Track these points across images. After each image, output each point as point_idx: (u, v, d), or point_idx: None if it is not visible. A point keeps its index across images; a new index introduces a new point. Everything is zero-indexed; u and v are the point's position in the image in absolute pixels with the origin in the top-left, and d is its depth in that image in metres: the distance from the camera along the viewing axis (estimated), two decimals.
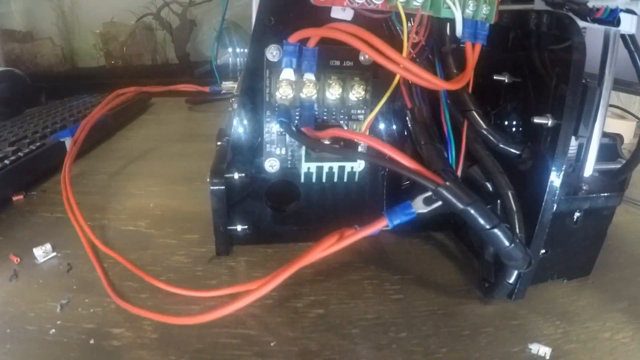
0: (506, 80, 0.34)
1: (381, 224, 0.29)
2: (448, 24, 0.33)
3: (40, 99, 0.87)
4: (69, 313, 0.30)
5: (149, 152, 0.63)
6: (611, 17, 0.29)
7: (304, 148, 0.33)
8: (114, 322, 0.29)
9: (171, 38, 1.32)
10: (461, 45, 0.31)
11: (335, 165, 0.34)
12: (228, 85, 0.78)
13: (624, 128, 0.68)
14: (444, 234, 0.41)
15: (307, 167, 0.34)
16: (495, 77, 0.34)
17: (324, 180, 0.35)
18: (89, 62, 1.30)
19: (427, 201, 0.29)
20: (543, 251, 0.31)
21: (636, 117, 0.68)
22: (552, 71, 0.30)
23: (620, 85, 0.50)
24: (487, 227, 0.26)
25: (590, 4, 0.28)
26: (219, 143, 0.43)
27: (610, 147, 0.42)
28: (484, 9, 0.30)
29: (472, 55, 0.30)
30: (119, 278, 0.34)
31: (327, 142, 0.32)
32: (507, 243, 0.27)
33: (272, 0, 0.32)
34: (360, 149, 0.34)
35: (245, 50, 1.21)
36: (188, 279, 0.34)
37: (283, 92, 0.32)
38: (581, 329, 0.30)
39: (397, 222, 0.29)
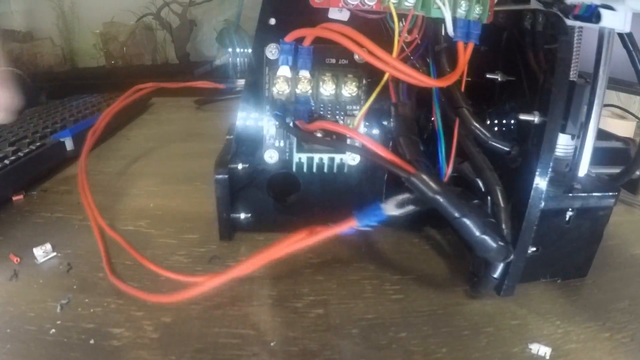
0: (499, 79, 0.34)
1: (349, 224, 0.29)
2: (443, 24, 0.33)
3: (40, 99, 0.87)
4: (69, 313, 0.30)
5: (149, 152, 0.63)
6: (588, 14, 0.29)
7: (296, 140, 0.36)
8: (114, 322, 0.29)
9: (171, 38, 1.32)
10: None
11: (325, 157, 0.36)
12: (242, 82, 0.79)
13: (623, 128, 0.68)
14: (443, 234, 0.41)
15: (299, 158, 0.36)
16: (488, 76, 0.34)
17: (314, 170, 0.37)
18: (89, 62, 1.30)
19: (399, 204, 0.29)
20: (533, 249, 0.31)
21: (636, 117, 0.68)
22: (543, 69, 0.30)
23: (620, 85, 0.50)
24: (457, 215, 0.27)
25: (568, 1, 0.28)
26: (229, 137, 0.44)
27: (623, 151, 0.42)
28: (477, 9, 0.30)
29: (464, 54, 0.31)
30: (120, 277, 0.34)
31: (319, 134, 0.33)
32: (477, 233, 0.27)
33: (274, 2, 0.33)
34: (349, 142, 0.35)
35: (245, 50, 1.21)
36: None
37: (279, 88, 0.34)
38: (581, 329, 0.30)
39: (365, 222, 0.29)
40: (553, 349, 0.28)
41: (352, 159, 0.37)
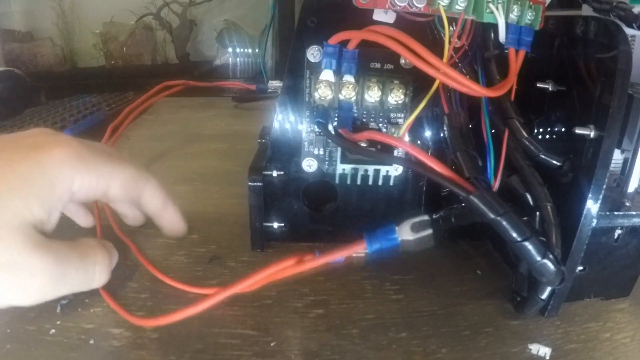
0: (550, 89, 0.32)
1: (358, 248, 0.29)
2: (492, 29, 0.32)
3: (40, 99, 0.87)
4: (69, 313, 0.30)
5: (149, 152, 0.63)
6: None
7: (339, 149, 0.34)
8: (114, 322, 0.29)
9: (171, 38, 1.32)
10: (505, 51, 0.30)
11: (371, 168, 0.35)
12: (275, 84, 0.78)
13: None
14: (445, 236, 0.41)
15: (343, 169, 0.34)
16: (538, 85, 0.33)
17: (358, 182, 0.35)
18: (89, 62, 1.30)
19: (415, 228, 0.28)
20: (580, 268, 0.30)
21: None
22: (597, 80, 0.29)
23: None
24: (518, 239, 0.26)
25: (635, 10, 0.27)
26: (261, 140, 0.43)
27: None
28: (529, 15, 0.29)
29: (515, 62, 0.29)
30: (120, 278, 0.34)
31: (364, 144, 0.32)
32: (538, 257, 0.26)
33: (315, 2, 0.32)
34: (397, 153, 0.34)
35: (245, 50, 1.21)
36: (188, 279, 0.34)
37: (322, 93, 0.32)
38: (581, 329, 0.30)
39: (376, 247, 0.28)
40: (553, 349, 0.28)
41: (395, 170, 0.36)
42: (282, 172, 0.36)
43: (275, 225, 0.38)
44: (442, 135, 0.35)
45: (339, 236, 0.38)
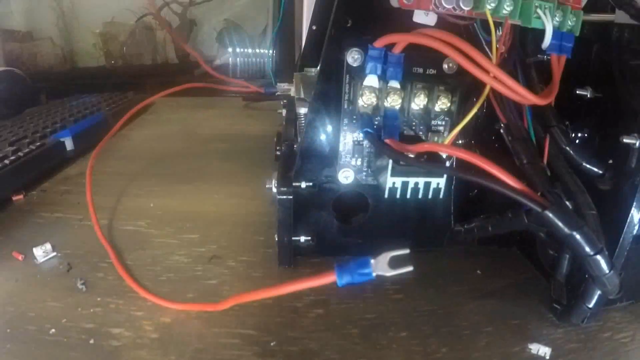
0: (588, 95, 0.32)
1: (328, 279, 0.28)
2: (530, 35, 0.31)
3: (40, 99, 0.87)
4: (69, 313, 0.30)
5: (149, 152, 0.63)
6: None
7: (390, 162, 0.31)
8: (114, 322, 0.29)
9: (171, 38, 1.32)
10: (546, 57, 0.30)
11: (422, 181, 0.32)
12: (284, 86, 0.77)
13: None
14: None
15: (393, 182, 0.32)
16: (578, 92, 0.32)
17: (408, 196, 0.33)
18: (89, 62, 1.29)
19: (393, 264, 0.27)
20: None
21: None
22: (635, 88, 0.28)
23: None
24: (591, 252, 0.25)
25: None
26: (280, 148, 0.40)
27: None
28: (570, 20, 0.28)
29: (558, 68, 0.29)
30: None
31: (411, 155, 0.30)
32: (606, 270, 0.25)
33: (350, 1, 0.30)
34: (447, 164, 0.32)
35: (245, 50, 1.21)
36: (188, 278, 0.34)
37: (366, 100, 0.30)
38: (581, 329, 0.30)
39: (346, 281, 0.27)
40: (553, 349, 0.28)
41: (437, 181, 0.33)
42: (311, 184, 0.34)
43: (302, 239, 0.36)
44: (496, 145, 0.34)
45: (367, 248, 0.37)
